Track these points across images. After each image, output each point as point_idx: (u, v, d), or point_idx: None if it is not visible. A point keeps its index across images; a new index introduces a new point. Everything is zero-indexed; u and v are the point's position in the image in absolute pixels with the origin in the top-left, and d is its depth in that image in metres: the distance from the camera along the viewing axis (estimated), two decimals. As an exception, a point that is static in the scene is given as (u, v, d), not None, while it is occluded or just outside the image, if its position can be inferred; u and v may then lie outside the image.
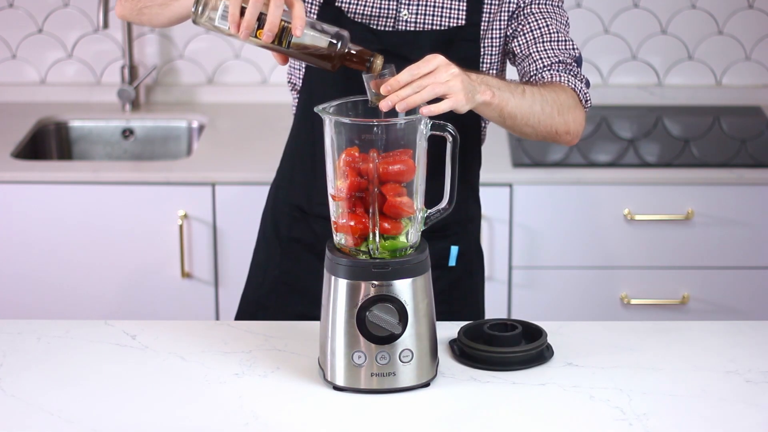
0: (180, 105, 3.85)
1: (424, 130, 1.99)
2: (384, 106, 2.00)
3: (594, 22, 3.82)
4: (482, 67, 2.38)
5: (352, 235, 1.99)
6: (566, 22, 2.42)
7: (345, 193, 1.98)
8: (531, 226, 3.37)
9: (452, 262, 2.44)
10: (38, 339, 2.20)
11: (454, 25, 2.35)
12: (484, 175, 3.33)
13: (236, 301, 3.46)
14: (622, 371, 2.08)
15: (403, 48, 2.33)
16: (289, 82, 2.48)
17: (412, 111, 2.01)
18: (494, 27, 2.38)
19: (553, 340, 2.17)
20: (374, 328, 1.98)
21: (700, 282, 3.40)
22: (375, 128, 1.97)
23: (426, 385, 2.03)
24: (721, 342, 2.19)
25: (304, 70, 2.42)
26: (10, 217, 3.36)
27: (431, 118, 1.99)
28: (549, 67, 2.34)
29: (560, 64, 2.35)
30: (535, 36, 2.36)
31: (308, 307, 2.36)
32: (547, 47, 2.36)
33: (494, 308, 3.40)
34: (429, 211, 2.05)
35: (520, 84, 2.27)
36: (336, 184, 2.00)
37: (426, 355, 2.02)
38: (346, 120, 1.98)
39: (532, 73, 2.36)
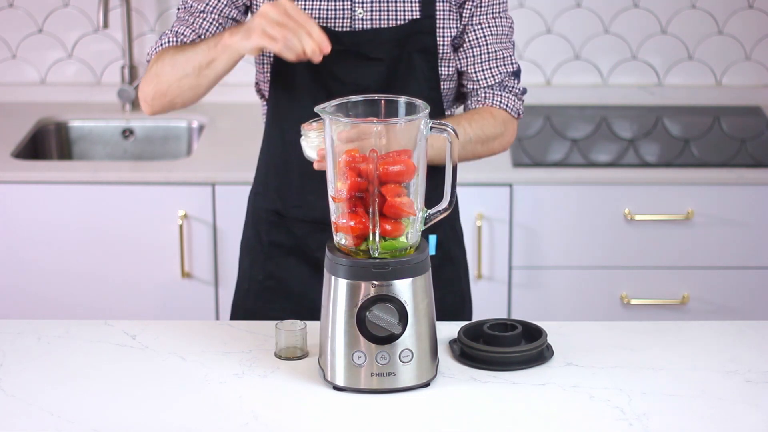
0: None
1: (424, 130, 1.99)
2: None
3: (594, 22, 3.82)
4: (440, 57, 2.41)
5: (352, 235, 1.99)
6: (509, 29, 2.47)
7: (345, 193, 1.98)
8: (531, 226, 3.37)
9: (432, 251, 2.45)
10: (38, 339, 2.20)
11: (410, 18, 2.37)
12: (484, 175, 3.34)
13: (236, 301, 3.46)
14: (622, 371, 2.08)
15: (363, 47, 2.37)
16: (257, 90, 2.50)
17: (412, 111, 2.01)
18: (450, 18, 2.40)
19: (553, 340, 2.17)
20: (374, 328, 1.98)
21: (700, 282, 3.40)
22: (375, 128, 1.97)
23: (426, 385, 2.03)
24: (721, 342, 2.19)
25: (269, 78, 2.44)
26: (10, 217, 3.36)
27: (433, 128, 2.01)
28: (485, 89, 2.44)
29: (497, 85, 2.44)
30: (475, 54, 2.43)
31: (295, 309, 2.40)
32: (485, 67, 2.44)
33: (494, 308, 3.40)
34: (429, 211, 2.05)
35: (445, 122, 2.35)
36: (336, 185, 2.00)
37: (426, 355, 2.02)
38: (346, 120, 1.98)
39: (468, 90, 2.45)
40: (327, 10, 2.37)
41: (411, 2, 2.38)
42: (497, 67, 2.44)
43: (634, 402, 1.98)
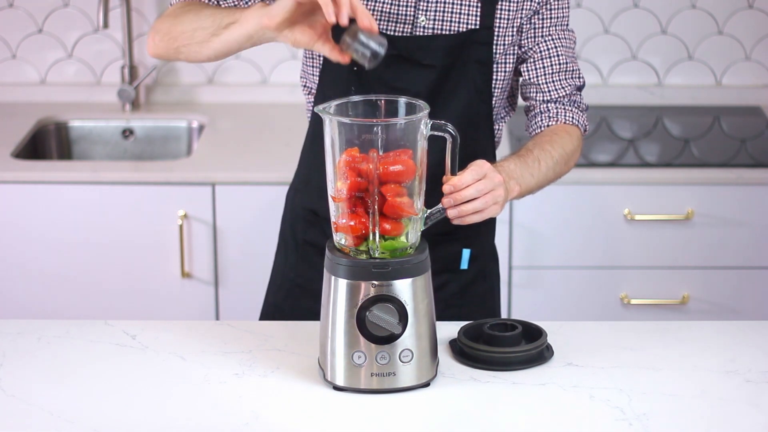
0: (180, 105, 3.85)
1: (424, 130, 1.99)
2: (451, 215, 2.10)
3: (594, 22, 3.82)
4: (494, 68, 2.39)
5: (352, 235, 1.99)
6: (574, 42, 2.45)
7: (345, 193, 1.98)
8: (531, 226, 3.37)
9: (464, 266, 2.44)
10: (38, 339, 2.20)
11: (468, 28, 2.35)
12: (484, 175, 3.34)
13: (236, 301, 3.47)
14: (622, 371, 2.08)
15: (417, 52, 2.34)
16: (303, 85, 2.48)
17: (412, 111, 2.01)
18: (507, 32, 2.38)
19: (553, 340, 2.17)
20: (374, 328, 1.98)
21: (700, 282, 3.40)
22: (375, 128, 1.97)
23: (426, 385, 2.03)
24: (721, 342, 2.19)
25: (318, 72, 2.42)
26: (10, 217, 3.36)
27: (433, 128, 2.00)
28: (555, 102, 2.41)
29: (566, 98, 2.42)
30: (545, 65, 2.41)
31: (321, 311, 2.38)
32: (555, 79, 2.41)
33: (494, 308, 3.41)
34: (429, 211, 2.05)
35: (533, 153, 2.33)
36: (336, 185, 2.00)
37: (426, 355, 2.02)
38: (346, 120, 1.98)
39: (536, 101, 2.42)
40: (389, 13, 2.34)
41: (472, 14, 2.35)
42: (566, 79, 2.41)
43: (634, 402, 1.98)
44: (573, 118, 2.41)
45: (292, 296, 2.50)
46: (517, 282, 3.40)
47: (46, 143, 3.76)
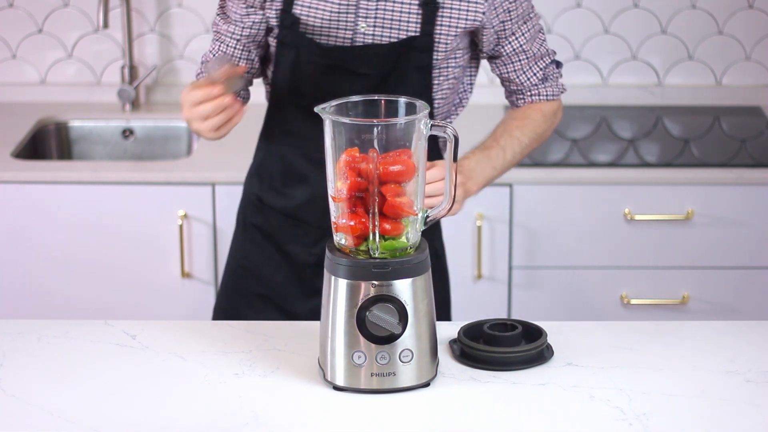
0: (180, 105, 3.85)
1: (424, 130, 1.99)
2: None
3: (594, 22, 3.82)
4: (436, 76, 2.44)
5: (352, 235, 1.99)
6: (538, 23, 2.50)
7: (345, 193, 1.98)
8: (531, 226, 3.37)
9: None
10: (38, 339, 2.20)
11: (408, 35, 2.38)
12: (484, 175, 3.34)
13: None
14: (622, 371, 2.08)
15: (354, 63, 2.39)
16: (263, 76, 2.55)
17: (412, 111, 2.01)
18: (449, 39, 2.41)
19: (553, 340, 2.17)
20: (374, 328, 1.98)
21: (700, 282, 3.40)
22: (375, 128, 1.97)
23: (426, 385, 2.03)
24: (721, 342, 2.19)
25: (273, 65, 2.48)
26: (10, 217, 3.36)
27: (433, 128, 2.02)
28: (533, 87, 2.52)
29: (540, 81, 2.52)
30: (514, 61, 2.49)
31: (262, 292, 2.54)
32: (526, 69, 2.51)
33: (494, 308, 3.41)
34: (429, 211, 2.05)
35: (500, 144, 2.48)
36: (336, 185, 1.99)
37: (426, 355, 2.02)
38: (346, 120, 1.98)
39: (513, 89, 2.53)
40: (330, 20, 2.38)
41: (413, 21, 2.38)
42: (537, 65, 2.51)
43: (634, 402, 1.98)
44: (548, 94, 2.53)
45: (236, 275, 2.61)
46: (517, 282, 3.40)
47: (46, 143, 3.76)
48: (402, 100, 2.03)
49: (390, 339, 1.99)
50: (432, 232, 2.60)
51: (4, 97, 3.88)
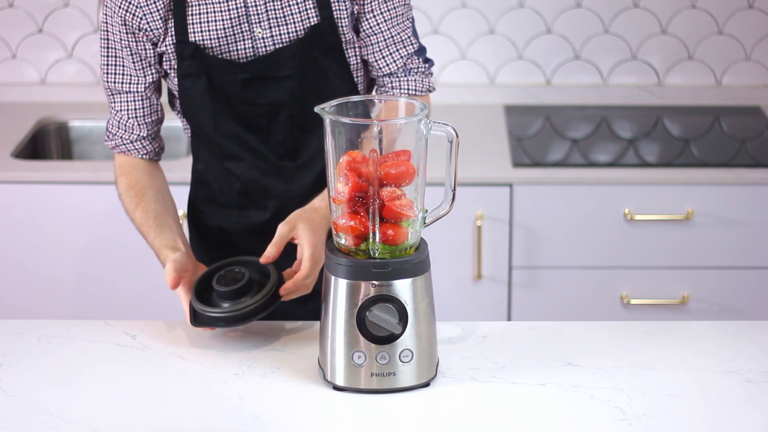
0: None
1: (424, 130, 1.99)
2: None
3: (594, 22, 3.82)
4: (348, 51, 2.41)
5: (352, 235, 1.99)
6: (404, 7, 2.44)
7: (346, 195, 1.98)
8: (531, 226, 3.37)
9: None
10: (38, 339, 2.20)
11: (309, 25, 2.37)
12: (484, 175, 3.34)
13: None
14: (622, 371, 2.08)
15: (269, 70, 2.38)
16: (176, 112, 2.54)
17: (412, 111, 2.01)
18: (346, 14, 2.39)
19: (553, 340, 2.17)
20: (374, 328, 1.98)
21: (700, 282, 3.40)
22: (375, 128, 1.97)
23: (426, 385, 2.03)
24: (721, 342, 2.19)
25: (181, 102, 2.47)
26: (10, 217, 3.36)
27: (433, 128, 2.01)
28: (389, 76, 2.44)
29: (400, 70, 2.44)
30: (372, 43, 2.43)
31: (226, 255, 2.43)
32: (385, 54, 2.44)
33: (494, 308, 3.41)
34: (429, 211, 2.05)
35: None
36: (336, 186, 1.99)
37: (426, 355, 2.02)
38: (345, 120, 1.98)
39: (374, 76, 2.46)
40: (226, 36, 2.36)
41: (307, 10, 2.37)
42: (397, 51, 2.43)
43: (634, 402, 1.98)
44: (409, 88, 2.44)
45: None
46: (517, 282, 3.40)
47: (46, 143, 3.76)
48: (402, 101, 2.03)
49: (390, 339, 1.99)
50: None
51: (4, 97, 3.88)
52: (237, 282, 2.19)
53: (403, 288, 1.98)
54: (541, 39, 3.83)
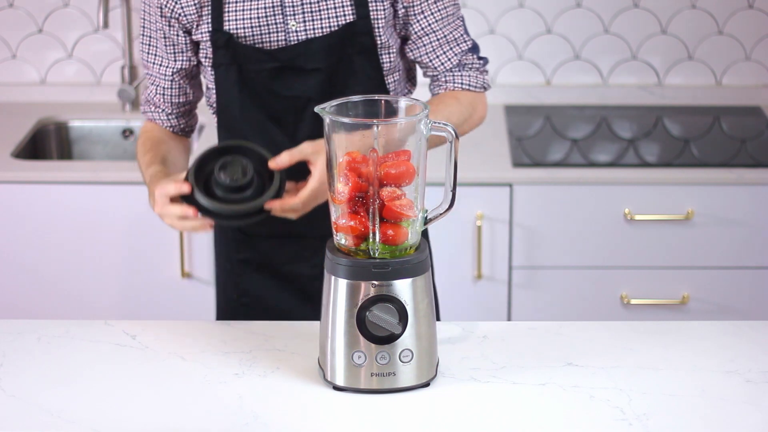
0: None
1: (424, 130, 1.99)
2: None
3: (594, 22, 3.82)
4: (382, 56, 2.41)
5: (352, 235, 1.99)
6: (454, 6, 2.44)
7: (346, 195, 1.98)
8: (531, 226, 3.37)
9: None
10: (38, 339, 2.20)
11: (344, 22, 2.36)
12: (484, 175, 3.34)
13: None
14: (622, 371, 2.08)
15: (297, 60, 2.38)
16: (209, 105, 2.51)
17: (412, 111, 2.01)
18: (385, 15, 2.39)
19: (553, 340, 2.17)
20: (374, 328, 1.98)
21: (700, 282, 3.40)
22: (375, 128, 1.97)
23: (426, 385, 2.03)
24: (721, 342, 2.19)
25: (215, 94, 2.45)
26: (10, 217, 3.36)
27: (433, 128, 2.00)
28: (445, 73, 2.44)
29: (455, 67, 2.44)
30: (425, 43, 2.43)
31: (275, 320, 2.41)
32: (439, 53, 2.43)
33: (494, 308, 3.41)
34: (429, 211, 2.05)
35: None
36: (336, 186, 1.99)
37: (426, 355, 2.02)
38: (346, 120, 1.98)
39: (429, 75, 2.46)
40: (260, 26, 2.37)
41: (344, 6, 2.37)
42: (451, 50, 2.43)
43: (634, 402, 1.98)
44: (463, 83, 2.43)
45: (239, 316, 2.53)
46: (517, 282, 3.40)
47: (46, 143, 3.76)
48: (402, 101, 2.03)
49: (390, 339, 1.99)
50: None
51: (4, 97, 3.88)
52: (240, 175, 2.17)
53: (403, 288, 1.98)
54: (541, 39, 3.83)
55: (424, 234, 2.62)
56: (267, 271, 2.52)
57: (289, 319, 2.42)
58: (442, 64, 2.43)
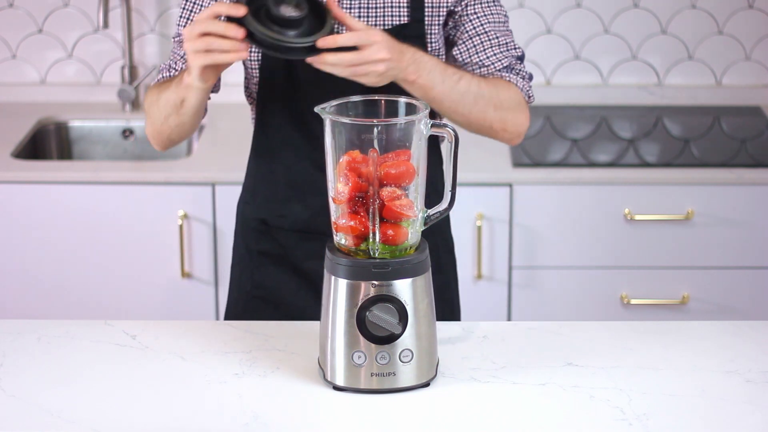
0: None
1: (424, 130, 1.99)
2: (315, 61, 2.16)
3: (594, 22, 3.82)
4: None
5: (352, 235, 1.99)
6: (506, 17, 2.44)
7: (346, 195, 1.98)
8: (531, 226, 3.37)
9: None
10: (38, 339, 2.20)
11: (398, 23, 2.36)
12: (484, 175, 3.35)
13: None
14: (622, 371, 2.08)
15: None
16: (247, 95, 2.50)
17: (412, 111, 2.01)
18: (438, 21, 2.39)
19: (553, 340, 2.17)
20: (374, 328, 1.98)
21: (700, 282, 3.40)
22: (375, 128, 1.97)
23: (426, 385, 2.03)
24: (721, 342, 2.19)
25: (257, 83, 2.43)
26: (10, 217, 3.36)
27: (433, 128, 2.00)
28: (497, 72, 2.41)
29: (504, 69, 2.41)
30: (476, 43, 2.40)
31: (282, 320, 2.39)
32: (490, 54, 2.41)
33: (494, 308, 3.41)
34: (429, 211, 2.05)
35: (461, 72, 2.33)
36: (336, 186, 1.99)
37: (426, 355, 2.02)
38: (345, 120, 1.98)
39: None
40: None
41: (400, 7, 2.37)
42: (502, 52, 2.41)
43: (634, 402, 1.98)
44: (512, 80, 2.41)
45: (250, 309, 2.51)
46: (517, 282, 3.40)
47: (46, 143, 3.76)
48: (402, 101, 2.03)
49: (390, 339, 1.99)
50: (442, 226, 2.56)
51: (4, 97, 3.88)
52: (295, 9, 2.11)
53: (403, 288, 1.98)
54: (541, 39, 3.84)
55: (448, 236, 2.61)
56: (284, 265, 2.49)
57: (301, 317, 2.40)
58: (493, 63, 2.40)
